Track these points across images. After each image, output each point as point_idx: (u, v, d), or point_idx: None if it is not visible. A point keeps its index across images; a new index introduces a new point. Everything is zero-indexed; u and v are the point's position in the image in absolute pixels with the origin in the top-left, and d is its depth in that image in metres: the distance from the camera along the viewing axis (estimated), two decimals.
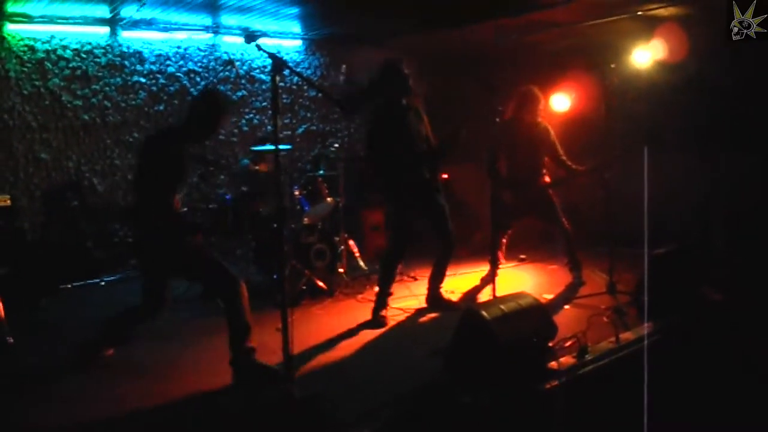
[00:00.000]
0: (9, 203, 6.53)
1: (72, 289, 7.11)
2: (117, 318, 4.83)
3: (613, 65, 6.49)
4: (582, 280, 6.67)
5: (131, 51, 8.05)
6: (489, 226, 5.92)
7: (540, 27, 7.95)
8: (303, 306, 6.27)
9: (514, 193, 6.62)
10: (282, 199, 3.97)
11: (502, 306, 4.28)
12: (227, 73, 8.59)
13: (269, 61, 3.77)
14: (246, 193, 6.68)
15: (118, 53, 7.96)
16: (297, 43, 9.40)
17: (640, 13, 7.25)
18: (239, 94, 8.83)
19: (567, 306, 5.97)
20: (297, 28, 8.84)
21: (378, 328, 5.57)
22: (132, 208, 4.78)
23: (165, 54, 8.30)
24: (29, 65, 7.40)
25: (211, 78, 8.28)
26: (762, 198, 7.18)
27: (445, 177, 8.34)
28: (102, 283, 7.38)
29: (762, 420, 4.38)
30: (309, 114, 9.57)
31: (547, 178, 6.77)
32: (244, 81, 8.89)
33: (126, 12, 7.41)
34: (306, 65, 9.52)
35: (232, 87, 8.76)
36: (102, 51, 7.85)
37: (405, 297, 6.38)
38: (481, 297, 6.42)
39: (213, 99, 4.63)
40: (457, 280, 7.01)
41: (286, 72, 3.93)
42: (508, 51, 8.86)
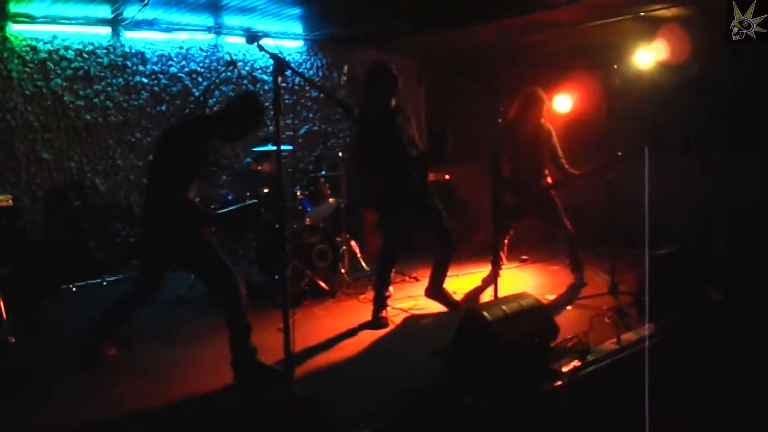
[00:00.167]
0: (11, 203, 6.52)
1: (74, 290, 7.11)
2: (112, 309, 4.84)
3: (616, 66, 6.49)
4: (584, 280, 6.66)
5: (133, 51, 8.06)
6: (490, 226, 5.91)
7: (542, 27, 7.95)
8: (305, 306, 6.27)
9: (515, 194, 6.62)
10: (284, 200, 3.97)
11: (503, 307, 4.27)
12: (229, 74, 8.59)
13: (271, 62, 3.77)
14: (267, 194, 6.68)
15: (120, 53, 7.97)
16: (299, 44, 9.41)
17: (642, 14, 7.25)
18: None
19: (569, 306, 5.97)
20: (299, 28, 8.85)
21: (379, 328, 5.56)
22: (146, 192, 4.75)
23: (167, 54, 8.30)
24: (31, 65, 7.40)
25: (214, 78, 8.28)
26: (762, 198, 7.17)
27: (447, 177, 8.34)
28: (104, 284, 7.37)
29: (763, 420, 4.37)
30: (311, 114, 9.57)
31: (549, 179, 6.77)
32: (246, 81, 8.89)
33: (128, 12, 7.42)
34: (308, 66, 9.53)
35: (234, 87, 8.76)
36: (104, 51, 7.86)
37: (406, 298, 6.38)
38: (483, 297, 6.42)
39: (251, 104, 4.59)
40: (459, 280, 7.01)
41: (288, 72, 3.93)
42: (509, 51, 8.86)
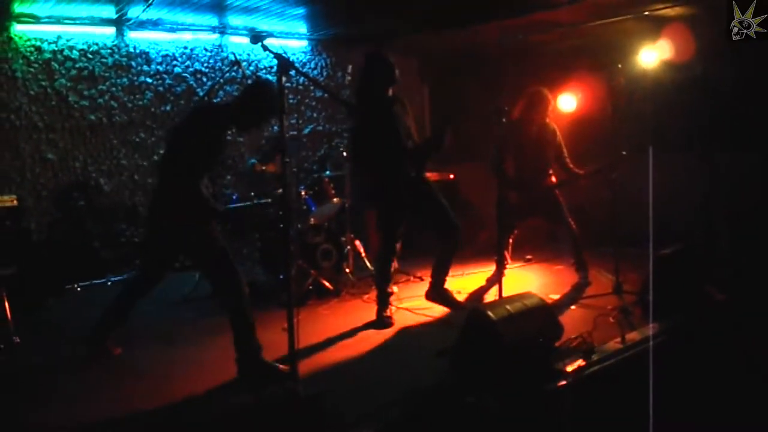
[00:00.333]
0: (15, 203, 6.52)
1: (78, 290, 7.12)
2: (113, 304, 4.86)
3: (620, 65, 6.48)
4: (588, 280, 6.65)
5: (138, 51, 8.07)
6: (494, 226, 5.90)
7: (545, 27, 7.95)
8: (309, 306, 6.27)
9: (520, 194, 6.61)
10: (287, 200, 3.97)
11: (508, 306, 4.27)
12: (234, 74, 8.59)
13: (275, 62, 3.77)
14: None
15: (124, 54, 7.98)
16: (303, 44, 9.41)
17: (646, 13, 7.24)
18: None
19: (573, 306, 5.96)
20: (303, 28, 8.85)
21: (383, 328, 5.55)
22: (157, 180, 4.75)
23: (171, 54, 8.31)
24: (36, 66, 7.42)
25: (218, 78, 8.28)
26: (765, 197, 7.16)
27: (451, 177, 8.35)
28: (108, 284, 7.38)
29: (766, 420, 4.37)
30: (315, 114, 9.58)
31: (554, 178, 6.77)
32: (250, 81, 8.88)
33: (132, 12, 7.43)
34: (312, 65, 9.53)
35: (238, 87, 8.76)
36: (108, 51, 7.87)
37: (411, 297, 6.38)
38: (488, 297, 6.41)
39: (266, 91, 4.57)
40: (464, 280, 7.01)
41: (292, 72, 3.91)
42: (512, 51, 8.86)
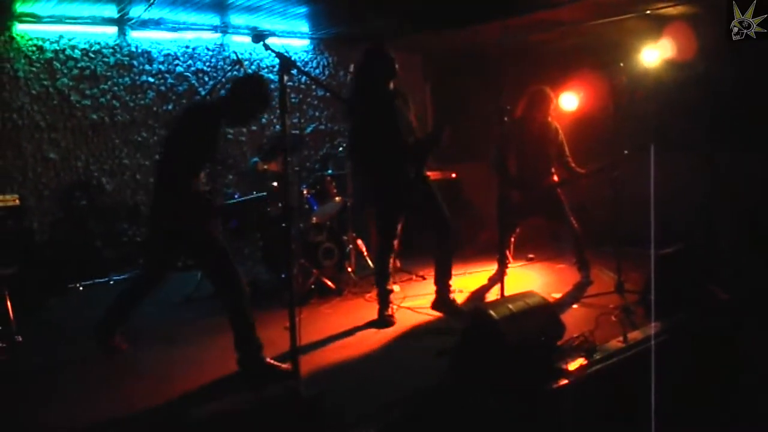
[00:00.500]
0: (17, 203, 6.53)
1: (80, 289, 7.13)
2: (119, 299, 4.88)
3: (622, 64, 6.47)
4: (590, 279, 6.65)
5: (140, 51, 8.08)
6: (496, 225, 5.90)
7: (546, 26, 7.94)
8: (311, 305, 6.27)
9: (522, 192, 6.61)
10: (290, 199, 3.97)
11: (510, 305, 4.27)
12: (236, 73, 8.58)
13: (277, 61, 3.77)
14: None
15: (126, 53, 7.99)
16: (305, 43, 9.41)
17: (648, 12, 7.23)
18: None
19: (575, 305, 5.96)
20: (305, 27, 8.85)
21: (385, 327, 5.55)
22: (155, 181, 4.76)
23: (173, 54, 8.32)
24: (38, 65, 7.43)
25: (220, 77, 8.28)
26: (766, 197, 7.16)
27: (453, 176, 8.35)
28: (111, 283, 7.39)
29: (766, 420, 4.37)
30: (317, 113, 9.58)
31: (556, 177, 6.77)
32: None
33: (134, 12, 7.44)
34: (314, 64, 9.53)
35: None
36: (110, 51, 7.88)
37: (413, 296, 6.38)
38: (489, 296, 6.41)
39: (257, 86, 4.65)
40: (466, 279, 7.01)
41: (294, 71, 3.91)
42: (514, 50, 8.85)
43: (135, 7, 7.27)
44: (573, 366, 4.22)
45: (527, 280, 7.03)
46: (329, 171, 7.69)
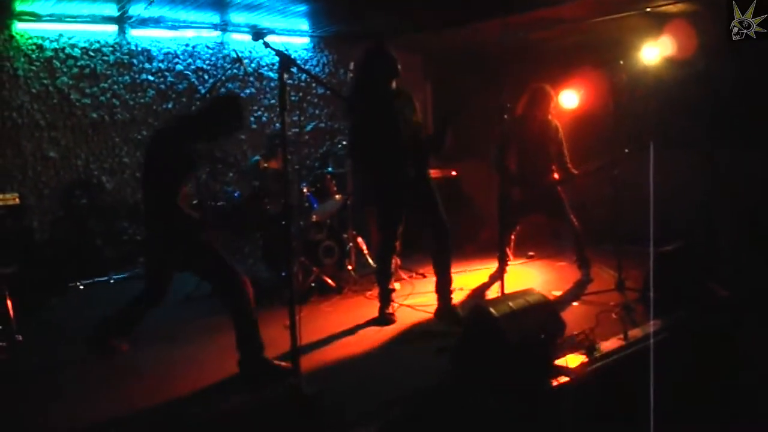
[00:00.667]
0: (17, 202, 6.53)
1: (81, 288, 7.13)
2: (123, 309, 4.88)
3: (622, 62, 6.47)
4: (590, 277, 6.66)
5: (139, 49, 8.07)
6: (496, 223, 5.89)
7: (547, 24, 7.93)
8: (311, 303, 6.27)
9: (522, 190, 6.62)
10: (289, 197, 3.97)
11: (510, 303, 4.27)
12: (236, 71, 8.60)
13: (277, 59, 3.77)
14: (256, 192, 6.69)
15: (126, 51, 7.98)
16: (305, 41, 9.41)
17: (648, 10, 7.23)
18: (247, 91, 8.85)
19: (575, 303, 5.96)
20: (305, 25, 8.85)
21: (385, 325, 5.55)
22: (141, 202, 4.79)
23: (173, 52, 8.31)
24: (38, 64, 7.42)
25: (220, 76, 8.28)
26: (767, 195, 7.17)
27: (454, 174, 8.35)
28: (111, 281, 7.40)
29: (766, 417, 4.37)
30: (317, 111, 9.58)
31: (556, 175, 6.77)
32: (252, 79, 8.90)
33: (134, 10, 7.43)
34: (314, 63, 9.53)
35: (240, 84, 8.77)
36: (110, 49, 7.87)
37: (413, 294, 6.38)
38: (490, 294, 6.41)
39: (232, 105, 4.62)
40: (466, 276, 7.01)
41: (293, 69, 3.91)
42: (514, 48, 8.84)
43: (135, 6, 7.26)
44: (573, 363, 4.21)
45: (527, 277, 7.03)
46: (329, 169, 7.69)
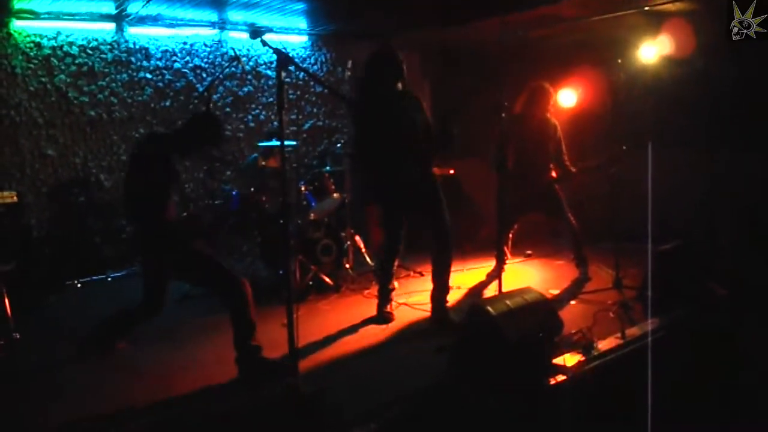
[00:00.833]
0: (15, 199, 6.51)
1: (79, 286, 7.12)
2: (112, 320, 4.88)
3: (620, 60, 6.47)
4: (588, 275, 6.66)
5: (137, 47, 8.06)
6: (495, 221, 5.89)
7: (546, 22, 7.93)
8: (309, 301, 6.28)
9: (521, 189, 6.62)
10: (287, 195, 3.96)
11: (507, 301, 4.28)
12: (233, 69, 8.59)
13: (275, 57, 3.77)
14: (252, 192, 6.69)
15: (124, 49, 7.97)
16: (303, 39, 9.39)
17: (646, 9, 7.23)
18: (245, 90, 8.84)
19: (573, 301, 5.97)
20: (303, 23, 8.84)
21: (384, 323, 5.56)
22: (128, 215, 4.82)
23: (171, 50, 8.30)
24: (35, 62, 7.41)
25: (218, 74, 8.27)
26: (766, 195, 7.17)
27: (452, 173, 8.34)
28: (109, 279, 7.39)
29: (765, 417, 4.37)
30: (315, 110, 9.57)
31: (554, 173, 6.77)
32: (250, 77, 8.89)
33: (132, 8, 7.42)
34: (312, 61, 9.51)
35: (238, 83, 8.76)
36: (108, 47, 7.86)
37: (411, 293, 6.38)
38: (487, 292, 6.41)
39: (209, 122, 4.72)
40: (464, 275, 7.01)
41: (291, 68, 3.91)
42: (513, 46, 8.84)
43: (133, 4, 7.24)
44: (571, 362, 4.22)
45: (525, 276, 7.04)
46: (327, 167, 7.69)
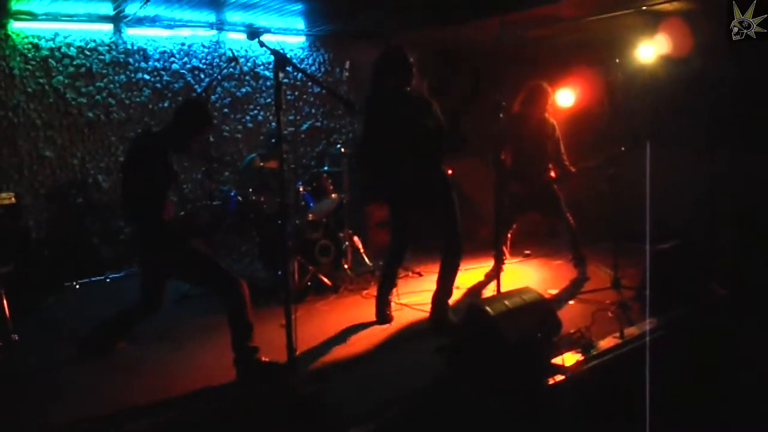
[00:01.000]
0: (14, 201, 6.52)
1: (77, 287, 7.12)
2: (111, 321, 4.88)
3: (617, 60, 6.48)
4: (586, 275, 6.67)
5: (135, 48, 8.05)
6: (493, 221, 5.90)
7: (544, 22, 7.93)
8: (308, 302, 6.28)
9: (519, 188, 6.62)
10: (284, 196, 3.97)
11: (506, 301, 4.29)
12: (231, 70, 8.58)
13: (272, 58, 3.77)
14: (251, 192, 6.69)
15: (122, 50, 7.96)
16: (301, 40, 9.39)
17: (644, 8, 7.23)
18: (243, 90, 8.84)
19: (571, 301, 5.98)
20: (301, 24, 8.84)
21: (383, 324, 5.56)
22: (126, 215, 4.82)
23: (169, 51, 8.29)
24: (33, 63, 7.40)
25: (216, 75, 8.27)
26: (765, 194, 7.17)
27: (449, 172, 8.34)
28: (107, 280, 7.39)
29: (764, 417, 4.37)
30: (313, 110, 9.57)
31: (552, 173, 6.77)
32: (248, 78, 8.89)
33: (130, 9, 7.41)
34: (310, 62, 9.51)
35: (236, 84, 8.76)
36: (106, 48, 7.85)
37: (410, 293, 6.38)
38: (486, 292, 6.41)
39: (196, 109, 4.67)
40: (462, 275, 6.98)
41: (289, 68, 3.92)
42: (511, 46, 8.83)
43: (130, 5, 7.23)
44: (569, 362, 4.22)
45: (524, 276, 7.04)
46: (325, 168, 7.69)
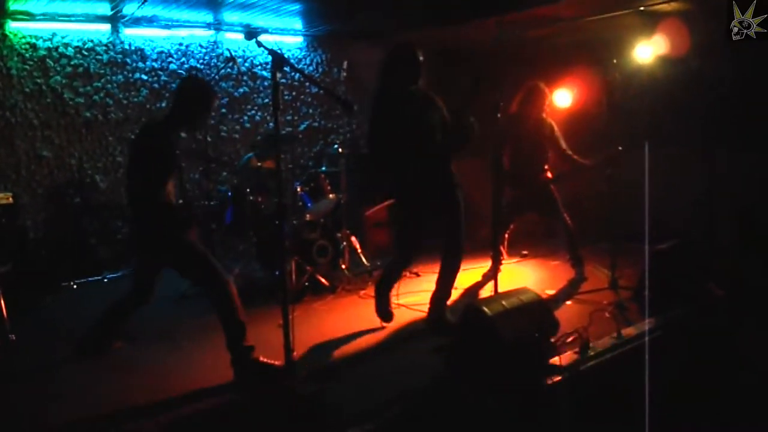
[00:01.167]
0: (11, 201, 6.52)
1: (74, 287, 7.11)
2: (105, 318, 4.87)
3: (615, 60, 6.48)
4: (584, 275, 6.67)
5: (133, 48, 8.05)
6: (491, 221, 5.89)
7: (542, 22, 7.94)
8: (305, 302, 6.27)
9: (516, 189, 6.62)
10: (282, 196, 3.96)
11: (503, 302, 4.28)
12: (229, 70, 8.59)
13: (270, 58, 3.77)
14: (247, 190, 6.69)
15: (119, 50, 7.96)
16: (298, 40, 9.39)
17: (642, 9, 7.24)
18: (241, 90, 8.84)
19: (569, 301, 5.97)
20: (298, 24, 8.84)
21: (385, 321, 5.53)
22: (127, 200, 4.81)
23: (167, 51, 8.29)
24: (31, 63, 7.40)
25: (213, 75, 8.27)
26: (765, 194, 7.17)
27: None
28: (105, 281, 7.38)
29: (763, 417, 4.37)
30: (311, 110, 9.57)
31: (550, 173, 6.77)
32: (245, 78, 8.89)
33: (128, 9, 7.41)
34: (307, 62, 9.51)
35: (233, 84, 8.76)
36: (104, 48, 7.85)
37: (408, 293, 6.37)
38: (483, 293, 6.41)
39: (196, 88, 4.61)
40: (460, 276, 6.97)
41: (287, 68, 3.91)
42: (510, 46, 8.84)
43: (128, 5, 7.23)
44: (567, 362, 4.23)
45: (521, 276, 7.04)
46: (323, 168, 7.68)
